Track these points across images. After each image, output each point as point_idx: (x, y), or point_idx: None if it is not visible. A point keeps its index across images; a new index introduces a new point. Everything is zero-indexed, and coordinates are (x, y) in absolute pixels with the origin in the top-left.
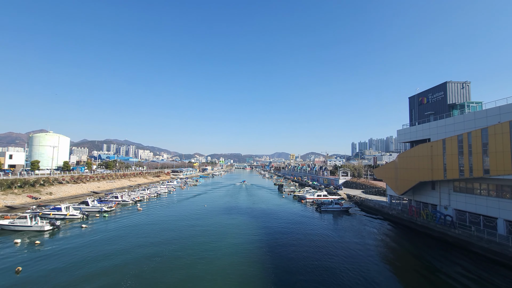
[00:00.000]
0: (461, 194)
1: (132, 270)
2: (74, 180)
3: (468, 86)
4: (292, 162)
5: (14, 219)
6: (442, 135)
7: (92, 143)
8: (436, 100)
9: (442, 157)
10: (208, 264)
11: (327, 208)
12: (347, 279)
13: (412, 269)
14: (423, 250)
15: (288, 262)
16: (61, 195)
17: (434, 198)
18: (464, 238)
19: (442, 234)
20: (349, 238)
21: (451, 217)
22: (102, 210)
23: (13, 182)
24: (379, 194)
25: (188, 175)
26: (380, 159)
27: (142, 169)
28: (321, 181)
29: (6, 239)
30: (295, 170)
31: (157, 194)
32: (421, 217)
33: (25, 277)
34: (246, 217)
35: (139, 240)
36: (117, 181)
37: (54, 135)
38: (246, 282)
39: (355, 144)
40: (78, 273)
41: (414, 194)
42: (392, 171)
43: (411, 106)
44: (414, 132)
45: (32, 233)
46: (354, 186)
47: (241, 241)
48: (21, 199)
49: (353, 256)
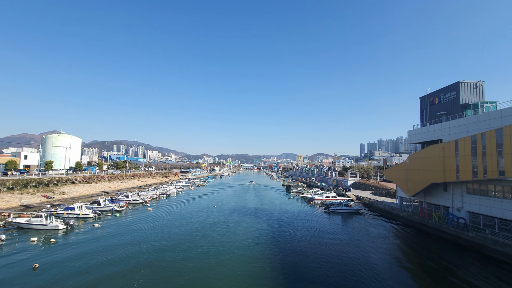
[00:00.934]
0: (475, 196)
1: (144, 269)
2: (86, 180)
3: (481, 86)
4: (299, 163)
5: (30, 218)
6: (455, 135)
7: (103, 144)
8: (448, 100)
9: (454, 158)
10: (218, 264)
11: (336, 210)
12: (360, 281)
13: (424, 272)
14: (435, 252)
15: (298, 263)
16: (74, 194)
17: (447, 200)
18: (478, 241)
19: (455, 237)
20: (359, 239)
21: (464, 219)
22: (113, 209)
23: (29, 182)
24: (389, 196)
25: (196, 176)
26: (389, 160)
27: (151, 169)
28: (329, 182)
29: (23, 237)
30: (303, 171)
31: (166, 195)
32: (432, 219)
33: (42, 274)
34: (255, 218)
35: (150, 240)
36: (127, 181)
37: (67, 136)
38: (257, 284)
39: (364, 145)
40: (92, 270)
41: (426, 195)
42: (402, 172)
43: (422, 106)
44: (425, 133)
45: (47, 231)
46: (363, 188)
47: (251, 242)
48: (36, 198)
49: (365, 258)
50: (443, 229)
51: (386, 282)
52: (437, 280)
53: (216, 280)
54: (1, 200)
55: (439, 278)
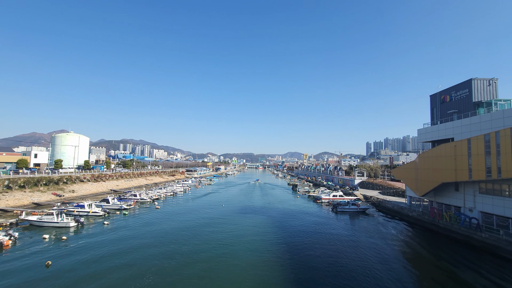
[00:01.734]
0: (488, 196)
1: (155, 267)
2: (94, 179)
3: (495, 83)
4: (305, 162)
5: (42, 215)
6: (467, 134)
7: (109, 143)
8: (460, 98)
9: (467, 157)
10: (227, 263)
11: (343, 209)
12: (374, 282)
13: (439, 273)
14: (448, 253)
15: (309, 263)
16: (83, 193)
17: (458, 200)
18: (492, 242)
19: (468, 237)
20: (370, 239)
21: (477, 219)
22: (122, 207)
23: (39, 180)
24: (397, 195)
25: (202, 175)
26: (396, 159)
27: (158, 168)
28: (335, 181)
29: (35, 234)
30: (308, 170)
31: (174, 193)
32: (443, 220)
33: (55, 271)
34: (263, 216)
35: (159, 238)
36: (134, 180)
37: (75, 135)
38: (267, 284)
39: (370, 144)
40: (103, 267)
41: (436, 195)
42: (412, 172)
43: (432, 104)
44: (436, 131)
45: (58, 229)
46: (370, 187)
47: (260, 241)
48: (47, 196)
49: (378, 258)
50: (454, 230)
51: (401, 282)
52: (452, 280)
53: (227, 278)
54: (13, 198)
55: (454, 278)
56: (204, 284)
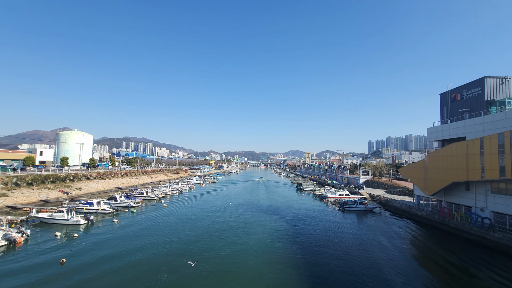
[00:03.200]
0: (500, 195)
1: (167, 264)
2: (100, 176)
3: (508, 82)
4: (307, 161)
5: (52, 212)
6: (480, 133)
7: (112, 141)
8: (471, 97)
9: (479, 156)
10: (241, 260)
11: (350, 208)
12: (385, 282)
13: (452, 273)
14: (460, 253)
15: (322, 261)
16: (89, 190)
17: (469, 199)
18: (506, 242)
19: (480, 237)
20: (379, 238)
21: (489, 219)
22: (130, 205)
23: (46, 177)
24: (403, 194)
25: (205, 173)
26: (399, 158)
27: (162, 166)
28: (340, 180)
29: (46, 232)
30: (311, 169)
31: (179, 191)
32: (454, 219)
33: (70, 268)
34: (271, 215)
35: (169, 236)
36: (139, 177)
37: (79, 133)
38: (283, 280)
39: (372, 143)
40: (117, 264)
41: (446, 195)
42: (420, 171)
43: (442, 103)
44: (447, 130)
45: (69, 226)
46: (376, 186)
47: (271, 240)
48: (54, 193)
49: (389, 257)
50: (466, 230)
51: (412, 282)
52: (466, 281)
53: (241, 277)
54: (22, 195)
55: (468, 279)
56: (219, 281)
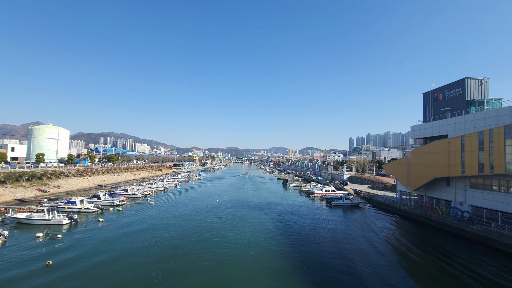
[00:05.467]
0: (478, 190)
1: (160, 263)
2: (80, 173)
3: (486, 83)
4: (291, 157)
5: (32, 212)
6: (461, 131)
7: (89, 136)
8: (453, 97)
9: (460, 153)
10: (234, 258)
11: (337, 203)
12: (375, 272)
13: (435, 264)
14: (442, 245)
15: (316, 256)
16: (69, 188)
17: (449, 194)
18: (484, 234)
19: (460, 230)
20: (364, 232)
21: (469, 213)
22: (114, 204)
23: (21, 175)
24: (386, 190)
25: (190, 169)
26: (378, 155)
27: (144, 162)
28: (324, 176)
29: (26, 233)
30: (296, 165)
31: (165, 188)
32: (436, 213)
33: (57, 271)
34: (260, 211)
35: (159, 234)
36: (121, 174)
37: (54, 128)
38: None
39: (353, 140)
40: (107, 266)
41: (427, 190)
42: (404, 167)
43: (425, 102)
44: (430, 128)
45: (51, 227)
46: (359, 182)
47: (263, 238)
48: (30, 192)
49: (377, 251)
50: (447, 223)
51: (398, 273)
52: (449, 271)
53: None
54: None
55: (450, 269)
56: (213, 277)
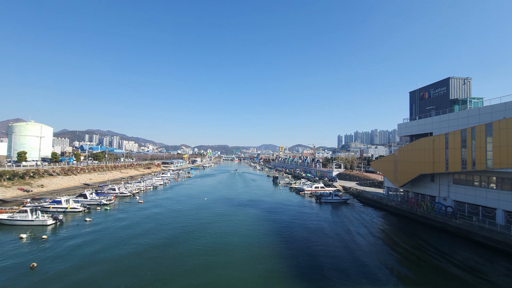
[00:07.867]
0: (461, 186)
1: (149, 261)
2: (65, 172)
3: (469, 82)
4: (281, 154)
5: (14, 213)
6: (445, 129)
7: (73, 134)
8: (438, 95)
9: (444, 150)
10: (224, 255)
11: (327, 200)
12: (364, 265)
13: (420, 256)
14: (426, 239)
15: (307, 251)
16: (53, 187)
17: (433, 190)
18: (466, 227)
19: (444, 224)
20: (353, 227)
21: (452, 208)
22: (101, 203)
23: (2, 174)
24: (373, 186)
25: (179, 167)
26: (366, 152)
27: (132, 160)
28: (313, 173)
29: (8, 234)
30: (285, 162)
31: (153, 186)
32: (421, 208)
33: (42, 273)
34: (251, 209)
35: (148, 234)
36: (108, 173)
37: (37, 125)
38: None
39: (341, 137)
40: (94, 267)
41: (413, 186)
42: (391, 164)
43: (411, 100)
44: (416, 126)
45: (35, 227)
46: (348, 178)
47: (253, 236)
48: (12, 192)
49: (366, 245)
50: (431, 217)
51: (385, 265)
52: (432, 263)
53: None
54: None
55: (434, 261)
56: (206, 272)
